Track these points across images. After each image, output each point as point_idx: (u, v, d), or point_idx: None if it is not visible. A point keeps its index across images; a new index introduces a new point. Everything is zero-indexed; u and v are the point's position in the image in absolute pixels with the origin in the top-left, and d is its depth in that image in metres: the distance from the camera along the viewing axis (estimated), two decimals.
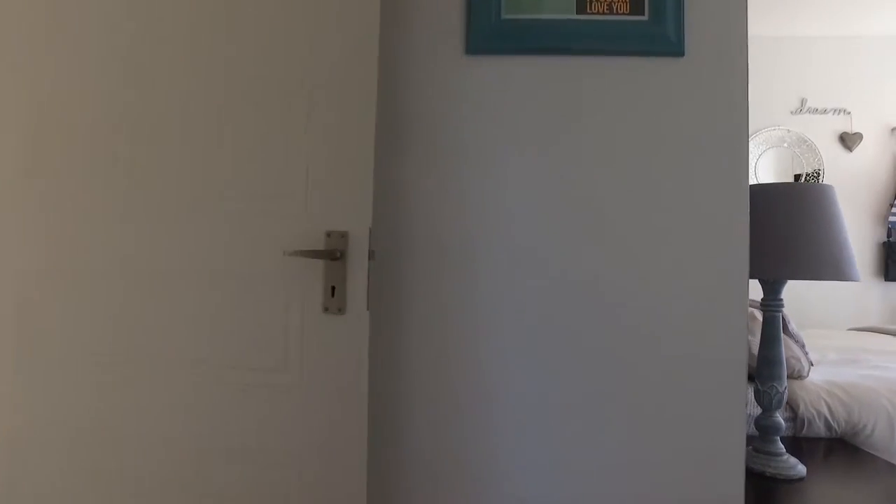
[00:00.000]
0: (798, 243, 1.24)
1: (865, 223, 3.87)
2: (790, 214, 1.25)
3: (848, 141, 3.89)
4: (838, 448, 1.62)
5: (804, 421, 1.63)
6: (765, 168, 3.91)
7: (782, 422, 1.35)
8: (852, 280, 1.25)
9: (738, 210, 1.11)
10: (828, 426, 1.64)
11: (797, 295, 3.80)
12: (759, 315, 1.53)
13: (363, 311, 0.96)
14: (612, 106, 1.15)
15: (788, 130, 3.89)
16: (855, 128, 3.89)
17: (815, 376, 1.81)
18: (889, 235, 3.83)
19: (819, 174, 3.86)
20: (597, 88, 1.15)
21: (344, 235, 0.96)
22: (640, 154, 1.14)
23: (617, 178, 1.14)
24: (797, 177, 3.69)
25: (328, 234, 0.96)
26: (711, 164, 1.12)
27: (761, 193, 1.29)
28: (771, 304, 1.35)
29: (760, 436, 1.36)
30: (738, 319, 1.09)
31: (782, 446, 1.35)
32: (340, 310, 0.96)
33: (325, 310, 0.96)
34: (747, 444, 1.37)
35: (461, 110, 1.16)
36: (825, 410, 1.64)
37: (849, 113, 3.91)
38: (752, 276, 1.28)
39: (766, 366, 1.35)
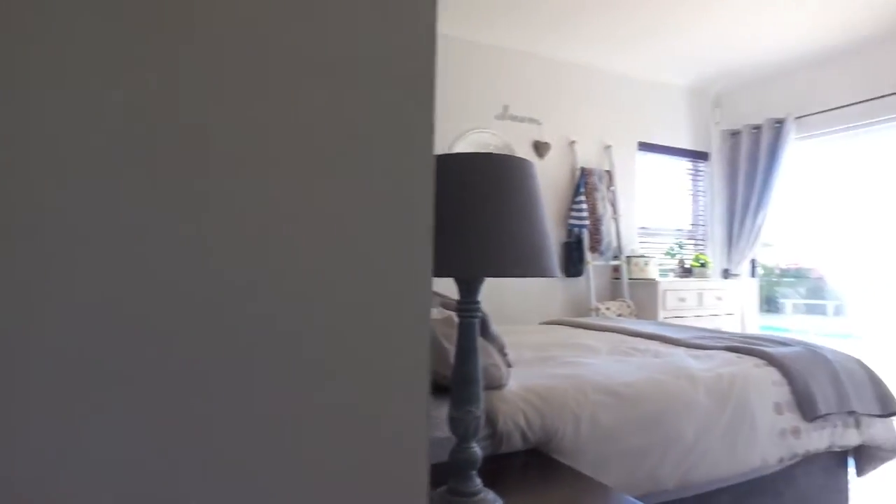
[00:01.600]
0: (502, 235, 1.01)
1: (551, 225, 4.27)
2: (487, 195, 1.01)
3: (540, 149, 4.24)
4: (533, 461, 1.49)
5: (503, 436, 1.46)
6: None
7: (479, 452, 1.12)
8: (554, 276, 1.07)
9: (419, 187, 0.80)
10: (524, 437, 1.50)
11: (493, 289, 4.00)
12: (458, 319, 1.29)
13: None
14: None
15: (494, 134, 4.06)
16: (545, 137, 4.27)
17: (513, 381, 1.69)
18: (569, 236, 4.29)
19: None
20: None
21: None
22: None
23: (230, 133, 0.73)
24: None
25: None
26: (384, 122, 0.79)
27: (452, 168, 1.03)
28: (468, 307, 1.11)
29: (455, 472, 1.10)
30: (419, 336, 0.78)
31: (479, 481, 1.12)
32: None
33: None
34: (442, 483, 1.10)
35: None
36: (522, 421, 1.50)
37: (540, 123, 4.26)
38: (444, 274, 1.00)
39: (462, 386, 1.10)
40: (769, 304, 11.95)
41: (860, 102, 4.05)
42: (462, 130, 3.94)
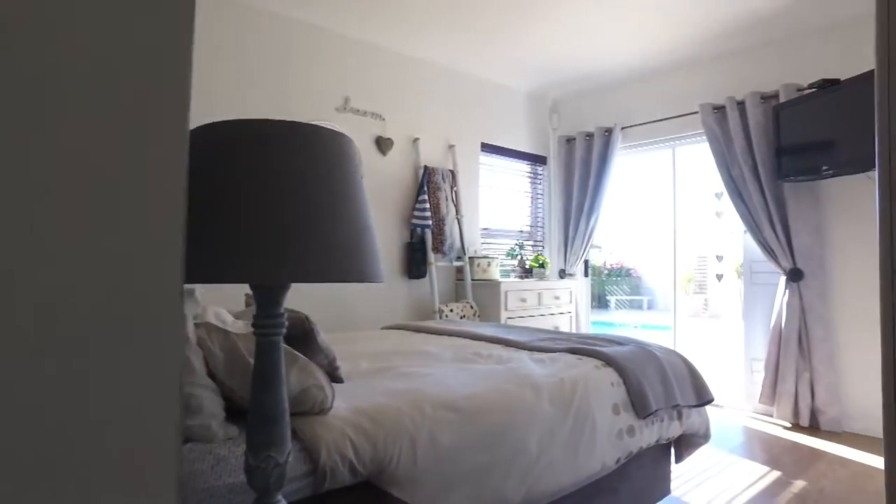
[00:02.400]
0: (307, 230, 0.77)
1: (394, 225, 4.10)
2: (288, 177, 0.77)
3: (382, 145, 4.04)
4: (364, 498, 1.27)
5: (326, 472, 1.22)
6: None
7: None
8: (377, 281, 0.87)
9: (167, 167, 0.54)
10: (352, 470, 1.27)
11: (329, 290, 3.73)
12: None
13: None
14: None
15: (334, 126, 3.77)
16: (388, 133, 4.08)
17: (341, 401, 1.46)
18: (412, 236, 4.14)
19: None
20: None
21: None
22: None
23: None
24: None
25: None
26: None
27: (241, 141, 0.77)
28: (267, 322, 0.85)
29: None
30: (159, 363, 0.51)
31: None
32: None
33: None
34: None
35: None
36: (350, 451, 1.27)
37: (384, 119, 4.07)
38: (229, 280, 0.75)
39: (260, 425, 0.84)
40: (599, 301, 13.03)
41: (674, 118, 4.43)
42: (298, 120, 3.60)
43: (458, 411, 1.52)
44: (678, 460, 2.37)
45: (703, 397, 2.22)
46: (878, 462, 2.88)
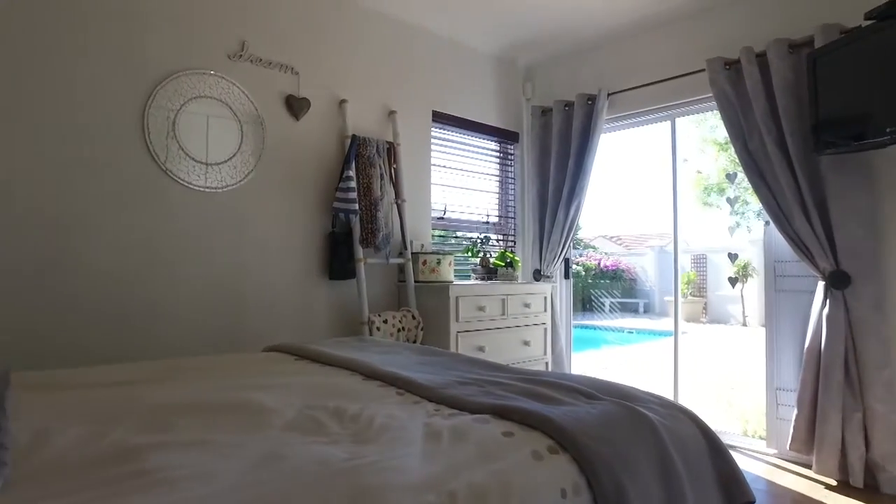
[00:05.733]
0: None
1: (311, 209, 3.14)
2: None
3: (295, 106, 3.08)
4: None
5: None
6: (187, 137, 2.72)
7: None
8: None
9: None
10: None
11: (232, 293, 2.75)
12: None
13: None
14: None
15: (223, 79, 2.81)
16: (303, 92, 3.12)
17: None
18: (334, 225, 3.19)
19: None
20: None
21: None
22: None
23: None
24: None
25: None
26: None
27: None
28: None
29: None
30: None
31: None
32: None
33: None
34: None
35: None
36: None
37: (297, 73, 3.11)
38: None
39: None
40: (585, 304, 12.09)
41: (673, 78, 3.49)
42: (169, 72, 2.64)
43: None
44: None
45: (736, 497, 1.26)
46: None
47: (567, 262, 4.23)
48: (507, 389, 1.46)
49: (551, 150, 4.03)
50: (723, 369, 6.42)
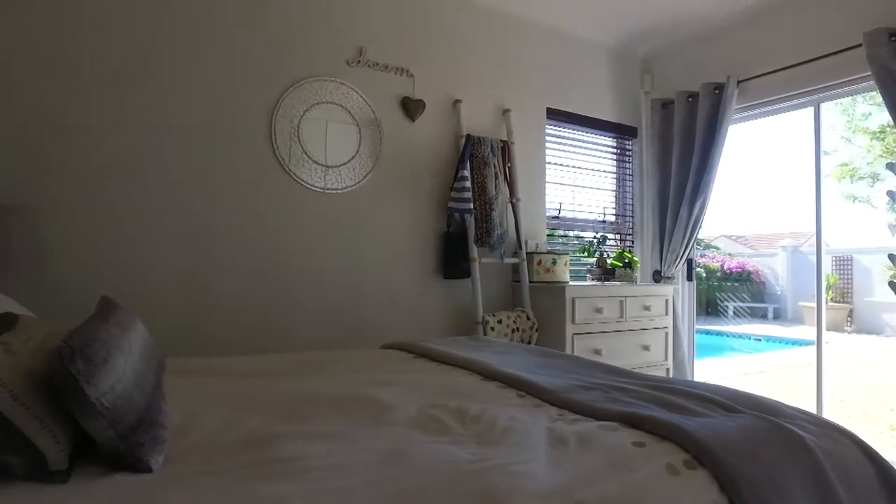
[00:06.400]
0: None
1: (426, 209, 3.20)
2: None
3: (410, 108, 3.15)
4: None
5: None
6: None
7: None
8: None
9: None
10: None
11: (350, 293, 2.88)
12: None
13: None
14: None
15: (342, 84, 2.94)
16: (418, 94, 3.18)
17: None
18: (449, 225, 3.22)
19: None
20: None
21: None
22: None
23: None
24: None
25: None
26: None
27: None
28: None
29: None
30: None
31: None
32: None
33: None
34: None
35: None
36: None
37: (412, 75, 3.18)
38: None
39: None
40: (710, 308, 11.28)
41: (820, 58, 3.14)
42: (294, 80, 2.81)
43: None
44: None
45: None
46: None
47: (690, 262, 3.97)
48: (634, 396, 1.38)
49: (673, 145, 3.80)
50: (879, 386, 5.68)
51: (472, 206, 3.08)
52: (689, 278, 4.00)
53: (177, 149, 2.54)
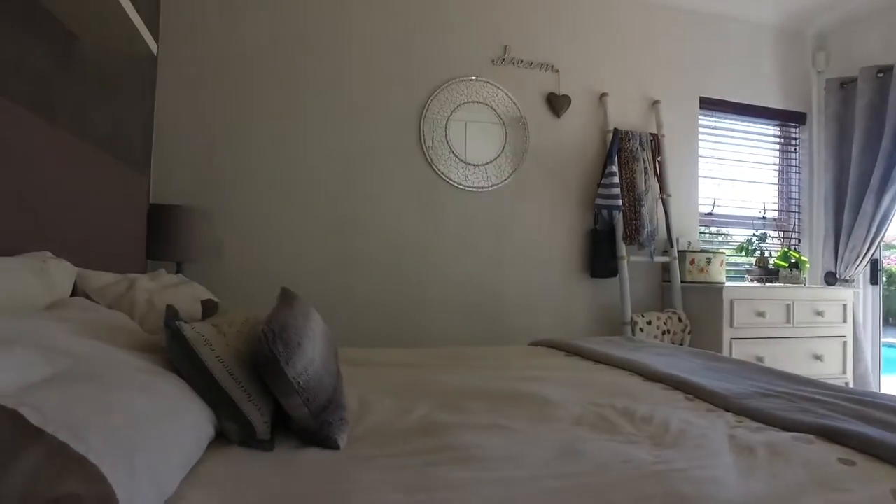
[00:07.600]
0: None
1: (573, 206, 3.13)
2: None
3: (556, 104, 3.11)
4: None
5: None
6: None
7: None
8: None
9: None
10: None
11: (490, 290, 2.90)
12: None
13: None
14: None
15: (488, 83, 2.98)
16: (564, 89, 3.13)
17: None
18: (596, 222, 3.12)
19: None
20: None
21: None
22: None
23: None
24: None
25: None
26: None
27: None
28: None
29: None
30: None
31: None
32: None
33: None
34: None
35: None
36: None
37: (557, 70, 3.13)
38: None
39: None
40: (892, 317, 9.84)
41: None
42: (442, 80, 2.89)
43: None
44: None
45: None
46: None
47: (875, 263, 3.49)
48: (828, 408, 1.24)
49: (854, 129, 3.37)
50: None
51: (620, 202, 2.97)
52: (874, 282, 3.52)
53: (327, 157, 2.73)
